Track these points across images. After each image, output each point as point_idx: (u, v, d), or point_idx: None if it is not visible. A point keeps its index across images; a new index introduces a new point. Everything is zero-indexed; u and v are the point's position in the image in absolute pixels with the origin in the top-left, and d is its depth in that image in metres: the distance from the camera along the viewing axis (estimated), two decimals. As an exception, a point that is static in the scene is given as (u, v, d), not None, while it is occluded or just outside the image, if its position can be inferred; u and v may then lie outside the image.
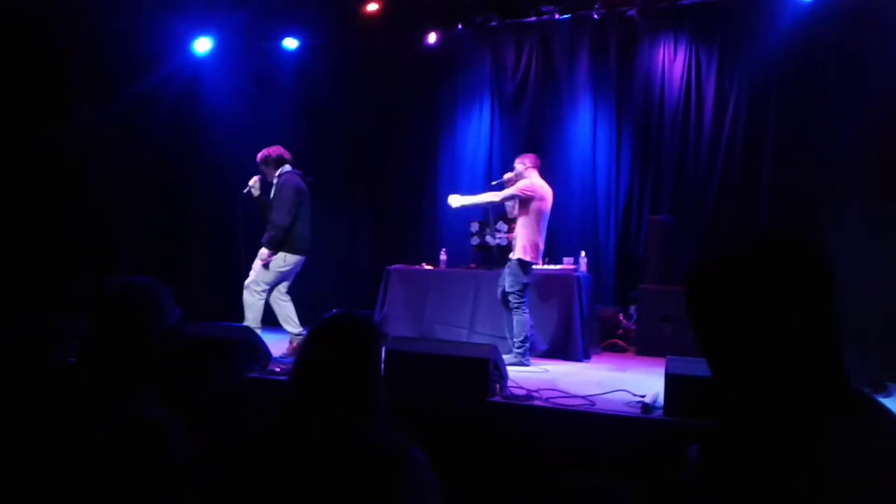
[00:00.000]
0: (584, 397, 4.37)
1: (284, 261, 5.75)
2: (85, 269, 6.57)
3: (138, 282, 1.98)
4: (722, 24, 7.36)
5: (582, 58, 7.97)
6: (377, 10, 8.02)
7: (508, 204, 6.25)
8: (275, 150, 5.92)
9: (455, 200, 6.20)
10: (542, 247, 6.00)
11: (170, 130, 8.35)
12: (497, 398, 4.32)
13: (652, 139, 7.68)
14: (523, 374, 5.29)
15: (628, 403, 4.29)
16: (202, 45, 8.47)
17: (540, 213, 5.95)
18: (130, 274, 2.07)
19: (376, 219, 8.64)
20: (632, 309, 7.16)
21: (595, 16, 7.67)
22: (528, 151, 8.14)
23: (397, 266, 7.27)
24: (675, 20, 7.58)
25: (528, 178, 6.00)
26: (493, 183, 6.52)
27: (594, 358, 6.45)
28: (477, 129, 8.46)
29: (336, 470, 1.69)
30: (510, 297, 5.89)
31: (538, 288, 6.43)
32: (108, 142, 7.26)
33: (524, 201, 5.94)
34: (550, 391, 4.53)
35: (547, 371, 5.62)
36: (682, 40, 7.56)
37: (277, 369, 4.91)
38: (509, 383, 4.53)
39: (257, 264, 5.76)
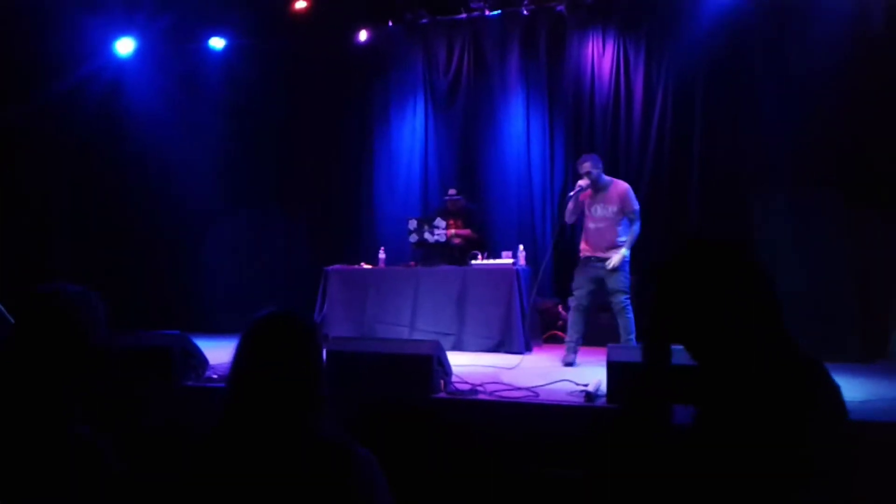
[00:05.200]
0: (528, 389, 4.39)
1: None
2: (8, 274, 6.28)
3: (70, 289, 1.88)
4: (648, 17, 7.50)
5: (513, 54, 8.02)
6: (306, 8, 7.90)
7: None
8: None
9: (617, 259, 5.68)
10: None
11: (93, 131, 8.09)
12: (442, 394, 4.31)
13: (584, 133, 7.76)
14: (467, 368, 5.29)
15: (571, 393, 4.33)
16: (125, 46, 8.23)
17: None
18: (57, 279, 1.97)
19: (313, 219, 8.50)
20: (571, 300, 7.22)
21: (525, 11, 7.72)
22: (462, 147, 8.21)
23: (336, 266, 7.17)
24: (602, 14, 7.67)
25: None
26: (571, 194, 5.97)
27: (536, 350, 6.51)
28: (411, 127, 8.42)
29: (285, 471, 1.64)
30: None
31: (479, 282, 6.46)
32: (28, 143, 6.96)
33: None
34: (495, 384, 4.54)
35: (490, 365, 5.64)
36: (611, 34, 7.67)
37: (215, 376, 4.78)
38: (454, 378, 4.53)
39: None
